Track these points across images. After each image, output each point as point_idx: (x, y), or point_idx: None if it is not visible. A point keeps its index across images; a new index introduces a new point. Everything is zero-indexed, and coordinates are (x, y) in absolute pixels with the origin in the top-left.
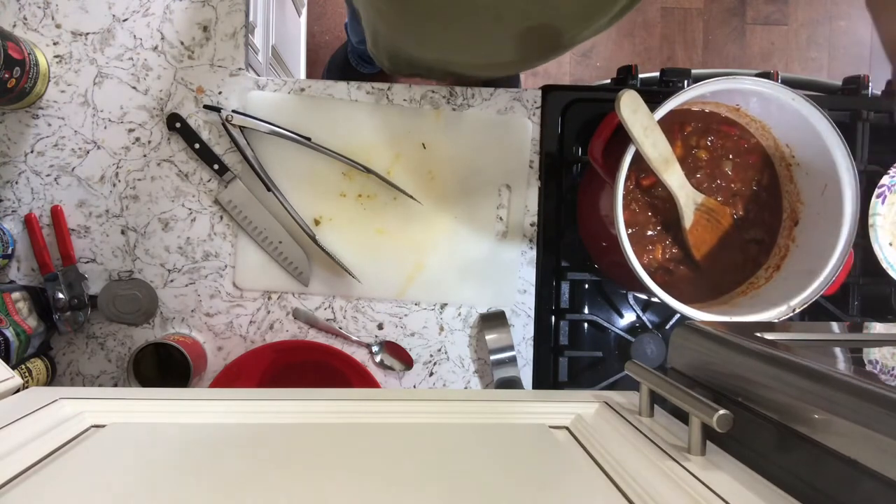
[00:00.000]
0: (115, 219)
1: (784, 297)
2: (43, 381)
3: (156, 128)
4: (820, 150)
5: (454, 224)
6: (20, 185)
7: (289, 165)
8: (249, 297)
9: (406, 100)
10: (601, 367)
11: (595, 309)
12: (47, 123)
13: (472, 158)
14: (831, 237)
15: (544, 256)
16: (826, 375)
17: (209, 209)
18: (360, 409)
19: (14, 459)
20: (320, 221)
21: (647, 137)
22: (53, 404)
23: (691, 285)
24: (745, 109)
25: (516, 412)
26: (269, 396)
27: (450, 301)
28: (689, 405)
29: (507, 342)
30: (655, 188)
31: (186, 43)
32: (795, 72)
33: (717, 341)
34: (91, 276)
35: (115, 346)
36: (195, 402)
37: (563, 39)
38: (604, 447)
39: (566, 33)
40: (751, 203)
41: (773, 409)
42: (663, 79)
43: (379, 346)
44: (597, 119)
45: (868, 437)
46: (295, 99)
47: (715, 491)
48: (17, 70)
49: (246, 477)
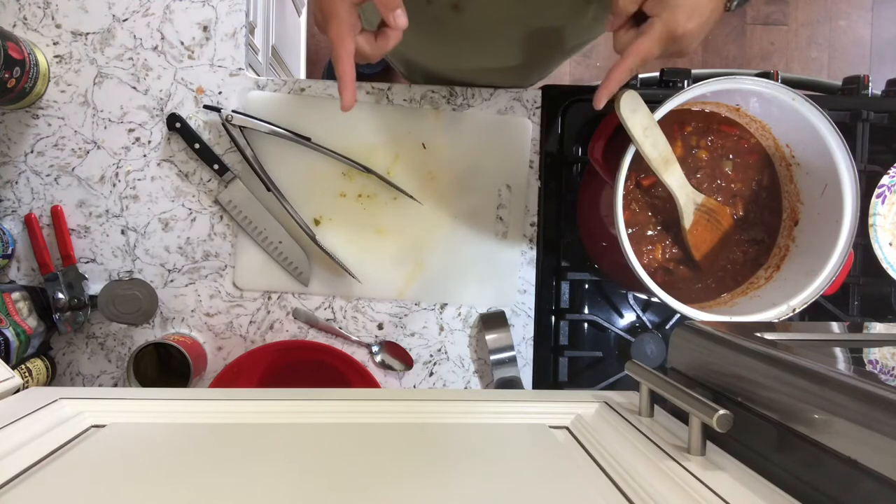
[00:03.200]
0: (115, 219)
1: (784, 297)
2: (43, 381)
3: (156, 128)
4: (820, 150)
5: (454, 224)
6: (20, 185)
7: (289, 165)
8: (249, 297)
9: (406, 100)
10: (601, 367)
11: (595, 309)
12: (47, 123)
13: (472, 158)
14: (831, 237)
15: (544, 256)
16: (826, 375)
17: (209, 209)
18: (360, 409)
19: (14, 459)
20: (320, 221)
21: (647, 137)
22: (53, 404)
23: (691, 285)
24: (745, 109)
25: (516, 412)
26: (269, 396)
27: (450, 301)
28: (689, 405)
29: (507, 342)
30: (655, 188)
31: (186, 43)
32: (795, 72)
33: (717, 341)
34: (91, 276)
35: (115, 346)
36: (195, 402)
37: (564, 42)
38: (604, 447)
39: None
40: (751, 203)
41: (773, 409)
42: (663, 79)
43: (379, 346)
44: (597, 119)
45: (868, 437)
46: (295, 99)
47: (715, 491)
48: (17, 70)
49: (245, 477)
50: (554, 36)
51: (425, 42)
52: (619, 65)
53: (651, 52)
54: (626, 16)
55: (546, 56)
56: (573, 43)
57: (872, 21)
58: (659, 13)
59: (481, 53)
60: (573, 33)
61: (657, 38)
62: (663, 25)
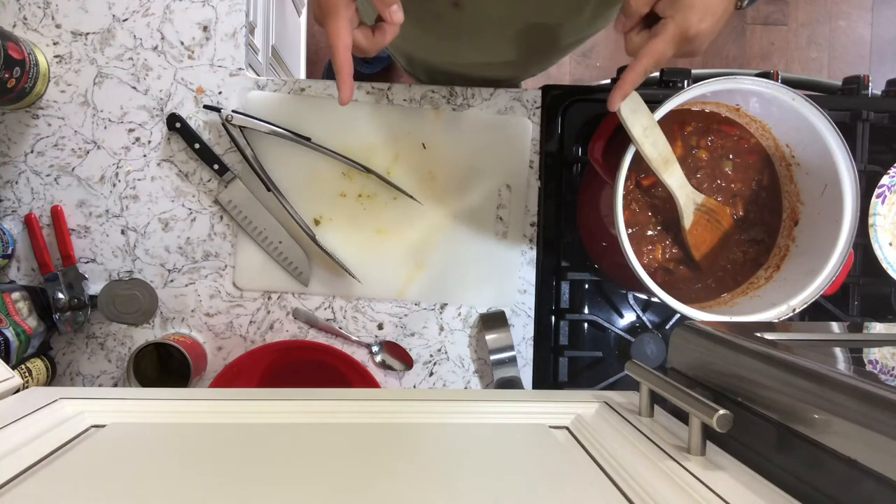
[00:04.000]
0: (115, 219)
1: (784, 297)
2: (43, 381)
3: (156, 128)
4: (820, 150)
5: (454, 224)
6: (20, 185)
7: (289, 165)
8: (249, 297)
9: (406, 100)
10: (601, 367)
11: (595, 309)
12: (47, 123)
13: (472, 158)
14: (831, 237)
15: (544, 256)
16: (826, 376)
17: (209, 209)
18: (360, 409)
19: (14, 459)
20: (320, 221)
21: (647, 137)
22: (53, 404)
23: (691, 285)
24: (745, 109)
25: (516, 412)
26: (269, 396)
27: (450, 301)
28: (689, 405)
29: (507, 342)
30: (655, 188)
31: (186, 43)
32: (795, 72)
33: (717, 341)
34: (91, 276)
35: (115, 346)
36: (195, 402)
37: (562, 39)
38: (604, 447)
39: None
40: (751, 203)
41: (773, 409)
42: (663, 79)
43: (379, 346)
44: (597, 119)
45: (868, 437)
46: (295, 99)
47: (715, 491)
48: (17, 70)
49: (246, 477)
50: (552, 33)
51: (424, 36)
52: (634, 67)
53: (664, 53)
54: (638, 17)
55: (543, 52)
56: (571, 40)
57: (872, 21)
58: (672, 14)
59: (480, 48)
60: (571, 30)
61: (670, 40)
62: (676, 26)
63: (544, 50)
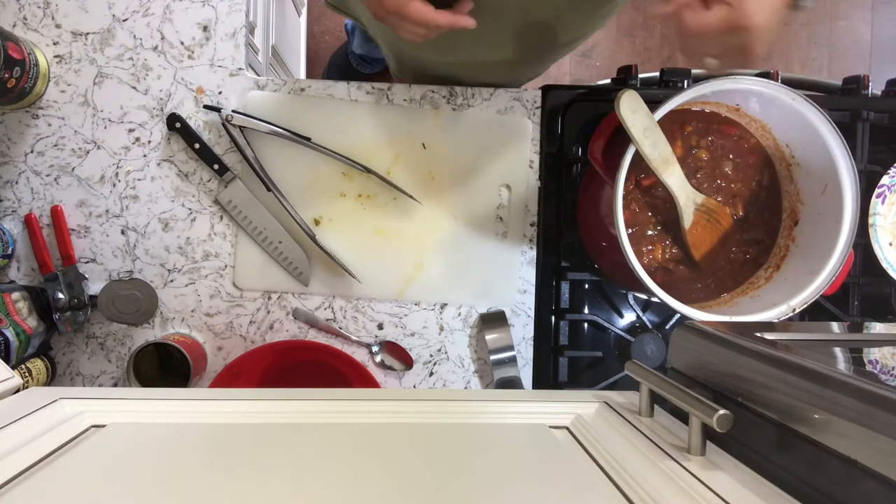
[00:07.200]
0: (115, 219)
1: (784, 297)
2: (43, 381)
3: (156, 128)
4: (820, 150)
5: (454, 224)
6: (20, 185)
7: (289, 165)
8: (249, 297)
9: (406, 100)
10: (601, 367)
11: (595, 309)
12: (47, 123)
13: (472, 158)
14: (831, 237)
15: (544, 256)
16: (826, 375)
17: (209, 209)
18: (360, 409)
19: (14, 459)
20: (320, 221)
21: (647, 138)
22: (53, 404)
23: (691, 285)
24: (745, 109)
25: (516, 412)
26: (269, 396)
27: (450, 301)
28: (689, 405)
29: (507, 342)
30: (655, 188)
31: (186, 43)
32: (795, 72)
33: (717, 341)
34: (91, 276)
35: (115, 346)
36: (195, 402)
37: (558, 36)
38: (604, 447)
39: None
40: (751, 203)
41: (773, 409)
42: (663, 79)
43: (379, 346)
44: (597, 119)
45: (868, 437)
46: (295, 99)
47: (715, 491)
48: (17, 70)
49: (245, 477)
50: (549, 29)
51: None
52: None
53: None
54: None
55: (540, 50)
56: (567, 38)
57: (872, 21)
58: None
59: (475, 43)
60: (569, 27)
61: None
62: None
63: (541, 47)
